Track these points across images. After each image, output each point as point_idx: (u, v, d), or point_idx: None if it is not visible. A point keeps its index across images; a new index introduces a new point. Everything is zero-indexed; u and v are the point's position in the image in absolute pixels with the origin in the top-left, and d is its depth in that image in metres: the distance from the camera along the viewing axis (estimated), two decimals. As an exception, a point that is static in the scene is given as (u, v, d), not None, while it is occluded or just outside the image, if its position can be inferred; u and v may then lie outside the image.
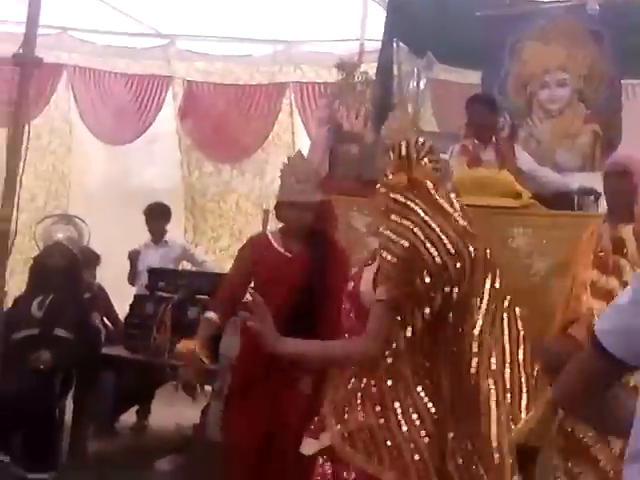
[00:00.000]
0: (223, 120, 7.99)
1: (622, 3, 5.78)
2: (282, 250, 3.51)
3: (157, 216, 6.32)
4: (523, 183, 4.48)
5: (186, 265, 6.45)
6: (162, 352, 4.47)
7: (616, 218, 3.37)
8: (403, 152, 2.26)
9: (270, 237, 3.58)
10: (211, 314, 3.57)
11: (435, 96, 6.89)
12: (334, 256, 3.52)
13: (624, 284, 2.70)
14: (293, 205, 3.44)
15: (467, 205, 3.95)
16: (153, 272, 5.25)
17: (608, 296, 2.71)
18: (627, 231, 2.88)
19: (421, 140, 2.34)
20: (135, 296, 5.36)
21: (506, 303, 2.23)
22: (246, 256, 3.59)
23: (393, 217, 2.20)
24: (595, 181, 4.37)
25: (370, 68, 5.95)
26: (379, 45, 6.27)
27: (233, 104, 8.02)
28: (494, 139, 5.11)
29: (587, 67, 5.67)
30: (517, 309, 2.31)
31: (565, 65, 5.70)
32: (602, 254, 2.90)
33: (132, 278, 6.27)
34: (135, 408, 5.86)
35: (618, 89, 5.76)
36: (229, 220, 8.22)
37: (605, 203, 3.63)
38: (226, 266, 4.75)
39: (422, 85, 6.77)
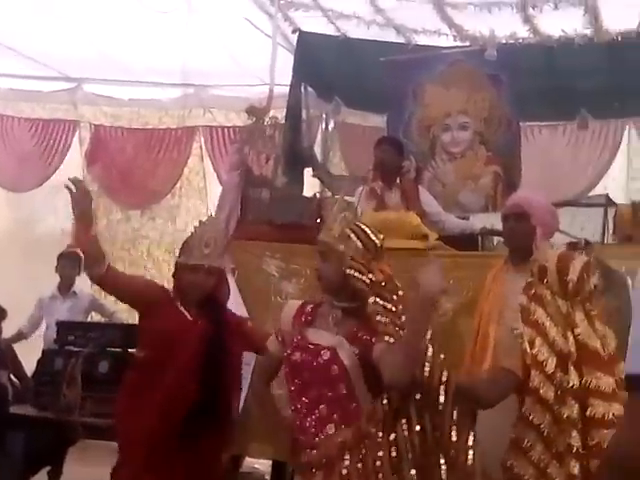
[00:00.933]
0: (131, 165, 7.93)
1: (519, 48, 6.05)
2: (180, 308, 3.42)
3: (68, 264, 6.17)
4: (428, 224, 4.61)
5: (95, 317, 6.32)
6: (72, 409, 4.34)
7: (517, 258, 3.48)
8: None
9: (169, 294, 3.47)
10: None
11: (343, 139, 7.03)
12: (233, 323, 3.52)
13: (549, 313, 2.76)
14: (198, 269, 3.38)
15: (376, 248, 4.13)
16: (62, 325, 5.11)
17: (535, 325, 2.77)
18: (551, 260, 2.92)
19: None
20: (43, 351, 5.21)
21: None
22: (158, 297, 3.43)
23: None
24: (498, 221, 4.53)
25: (279, 112, 6.03)
26: (287, 90, 6.39)
27: (142, 148, 7.97)
28: (399, 181, 5.23)
29: (487, 110, 5.91)
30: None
31: (466, 109, 5.92)
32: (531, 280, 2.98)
33: (30, 329, 6.09)
34: (47, 469, 5.66)
35: (517, 131, 6.01)
36: (140, 268, 8.10)
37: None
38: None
39: (330, 129, 6.91)
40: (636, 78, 5.84)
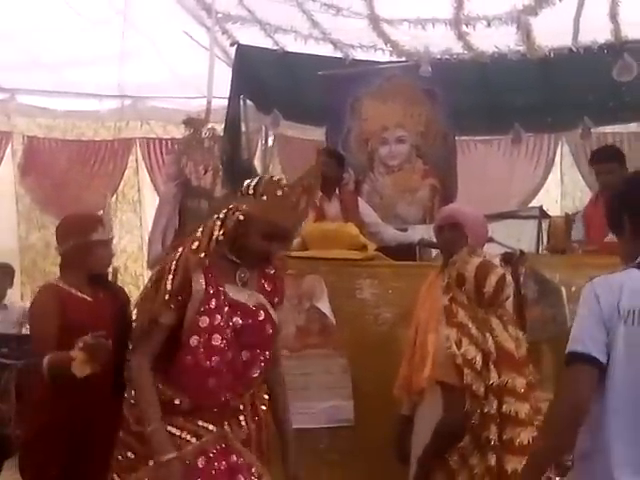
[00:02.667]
0: (65, 177, 7.79)
1: (453, 63, 6.17)
2: (81, 295, 3.37)
3: (1, 277, 6.07)
4: (367, 235, 4.65)
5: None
6: (7, 422, 4.25)
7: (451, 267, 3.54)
8: None
9: (61, 285, 3.39)
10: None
11: (283, 152, 7.06)
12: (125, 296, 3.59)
13: (469, 316, 2.91)
14: (108, 242, 3.46)
15: (315, 258, 4.15)
16: (-6, 337, 5.01)
17: (459, 325, 2.89)
18: (470, 270, 3.04)
19: None
20: (-26, 364, 5.08)
21: None
22: (50, 308, 3.28)
23: None
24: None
25: (218, 125, 6.02)
26: (226, 102, 6.38)
27: (76, 161, 7.84)
28: (338, 192, 5.26)
29: (423, 124, 6.00)
30: None
31: (402, 122, 6.01)
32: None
33: None
34: (-19, 482, 5.51)
35: (453, 145, 6.12)
36: (73, 282, 7.94)
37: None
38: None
39: (270, 142, 6.92)
40: (568, 94, 6.03)
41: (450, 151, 6.05)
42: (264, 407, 2.69)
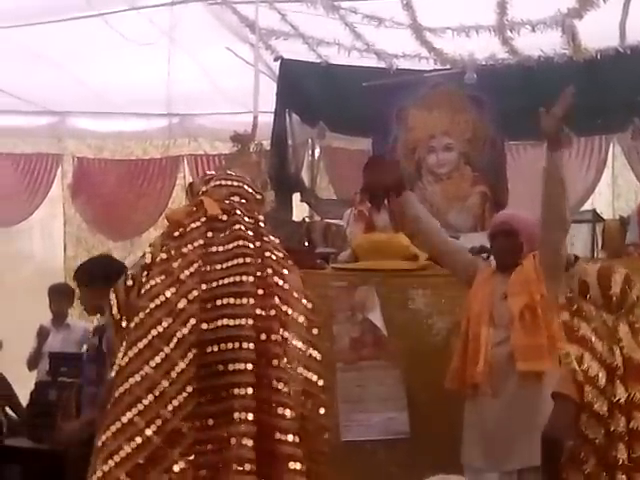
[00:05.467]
0: (115, 197, 7.90)
1: (498, 69, 6.13)
2: None
3: (60, 297, 6.18)
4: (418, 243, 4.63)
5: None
6: (69, 440, 4.31)
7: (504, 267, 3.52)
8: None
9: None
10: None
11: (330, 164, 7.06)
12: None
13: (593, 328, 2.81)
14: None
15: (367, 269, 4.14)
16: (54, 357, 5.11)
17: (582, 340, 2.81)
18: (591, 275, 2.99)
19: None
20: (36, 383, 5.19)
21: None
22: None
23: None
24: (485, 240, 4.55)
25: (264, 139, 6.06)
26: (272, 117, 6.42)
27: (125, 180, 7.96)
28: (387, 202, 5.24)
29: (470, 131, 5.96)
30: None
31: (449, 130, 5.98)
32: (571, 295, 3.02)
33: (34, 360, 6.02)
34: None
35: (501, 151, 6.07)
36: (119, 303, 8.01)
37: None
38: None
39: (317, 154, 6.94)
40: (617, 94, 5.93)
41: (499, 157, 6.00)
42: None
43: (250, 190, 2.22)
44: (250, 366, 1.91)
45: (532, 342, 3.28)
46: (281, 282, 2.06)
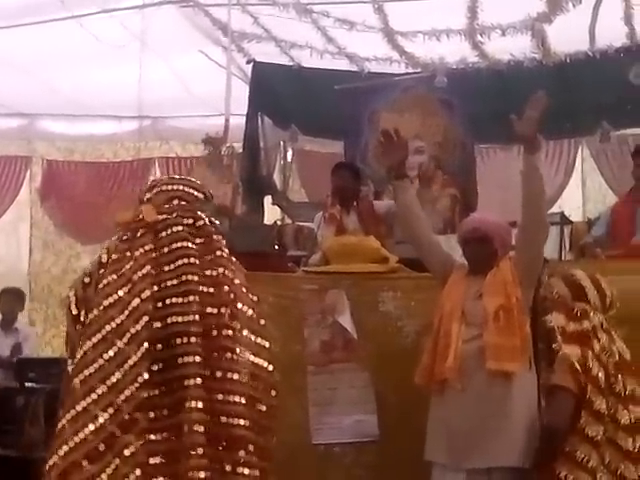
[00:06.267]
0: (84, 199, 7.85)
1: (469, 72, 6.17)
2: None
3: (11, 300, 6.13)
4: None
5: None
6: (36, 446, 4.28)
7: (476, 270, 3.54)
8: None
9: None
10: None
11: (302, 167, 7.08)
12: None
13: (593, 329, 2.95)
14: None
15: (337, 272, 4.14)
16: (21, 362, 5.05)
17: (581, 340, 2.93)
18: (585, 279, 3.11)
19: None
20: (3, 389, 5.13)
21: None
22: None
23: None
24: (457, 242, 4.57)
25: (236, 142, 6.05)
26: (244, 119, 6.42)
27: (95, 182, 7.91)
28: (356, 204, 5.25)
29: (441, 134, 5.99)
30: None
31: (420, 133, 6.00)
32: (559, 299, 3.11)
33: None
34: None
35: (471, 154, 6.11)
36: (88, 307, 7.91)
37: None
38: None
39: (289, 157, 6.95)
40: (586, 98, 6.00)
41: (469, 160, 6.04)
42: None
43: (190, 191, 2.29)
44: (198, 358, 2.04)
45: (505, 342, 3.30)
46: (232, 277, 2.18)
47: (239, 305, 2.15)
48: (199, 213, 2.25)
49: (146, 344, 2.02)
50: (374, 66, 6.47)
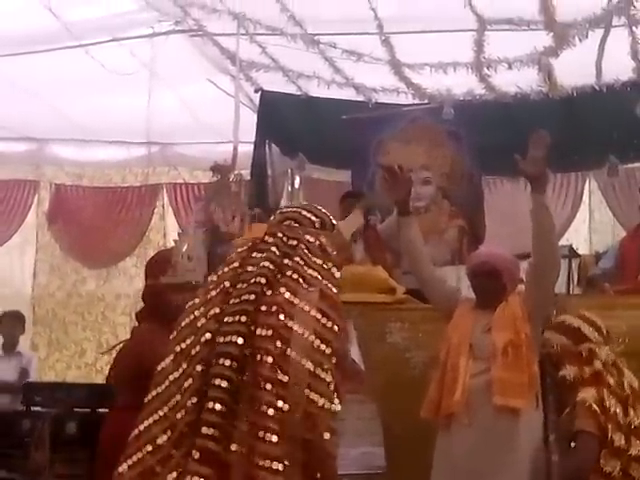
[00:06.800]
0: (92, 224, 7.87)
1: (476, 104, 6.21)
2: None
3: (11, 325, 6.15)
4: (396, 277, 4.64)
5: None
6: (41, 471, 4.28)
7: (484, 303, 3.54)
8: None
9: (151, 329, 3.16)
10: None
11: (309, 195, 7.08)
12: None
13: (604, 364, 3.00)
14: (185, 287, 3.08)
15: (345, 302, 4.14)
16: (29, 386, 5.06)
17: (595, 380, 2.97)
18: (573, 319, 3.14)
19: None
20: (9, 413, 5.13)
21: None
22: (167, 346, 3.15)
23: None
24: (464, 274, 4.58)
25: (244, 170, 6.08)
26: (252, 147, 6.46)
27: (103, 207, 7.94)
28: (363, 234, 5.27)
29: (448, 165, 6.02)
30: None
31: (427, 164, 6.03)
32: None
33: None
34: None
35: (478, 185, 6.13)
36: (95, 332, 7.92)
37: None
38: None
39: (296, 185, 6.98)
40: (593, 131, 6.03)
41: (476, 191, 6.06)
42: None
43: (306, 214, 2.17)
44: (225, 384, 1.91)
45: (513, 378, 3.30)
46: (291, 298, 2.00)
47: (295, 327, 1.95)
48: (305, 236, 2.10)
49: (199, 366, 1.94)
50: (381, 96, 6.50)
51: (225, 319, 1.98)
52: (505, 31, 5.46)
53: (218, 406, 1.89)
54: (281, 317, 1.97)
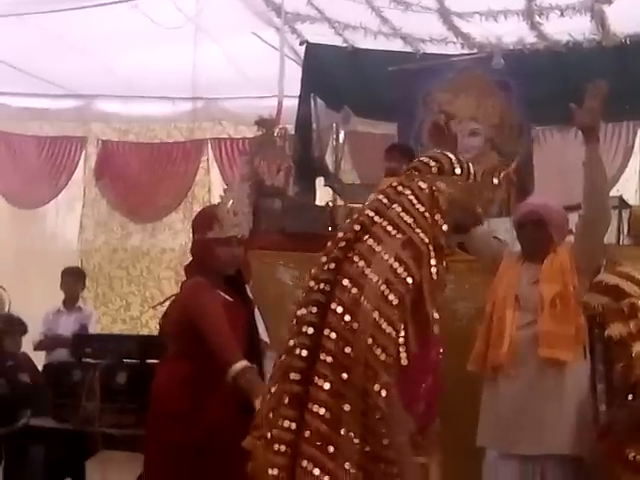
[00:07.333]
0: (138, 179, 7.93)
1: (527, 54, 6.07)
2: (223, 294, 3.19)
3: (72, 280, 6.25)
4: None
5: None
6: (92, 421, 4.37)
7: (531, 255, 3.51)
8: None
9: (204, 281, 3.17)
10: (243, 362, 2.90)
11: (354, 148, 7.05)
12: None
13: None
14: (231, 240, 3.17)
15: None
16: (78, 338, 5.16)
17: None
18: (610, 277, 3.11)
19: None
20: (59, 363, 5.25)
21: None
22: (213, 298, 3.11)
23: None
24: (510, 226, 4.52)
25: (289, 123, 6.05)
26: (297, 101, 6.41)
27: (149, 163, 7.99)
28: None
29: (497, 116, 5.89)
30: None
31: (476, 115, 5.91)
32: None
33: (44, 344, 6.06)
34: (68, 480, 5.67)
35: (528, 136, 6.01)
36: (140, 287, 8.01)
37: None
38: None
39: (341, 139, 6.93)
40: (646, 80, 5.86)
41: (525, 143, 5.94)
42: None
43: (426, 160, 2.16)
44: (311, 330, 1.99)
45: (560, 330, 3.28)
46: (374, 245, 2.03)
47: (370, 275, 1.96)
48: (418, 183, 2.08)
49: (284, 356, 1.99)
50: (429, 47, 6.38)
51: (323, 266, 2.03)
52: (558, -23, 5.32)
53: (304, 352, 1.95)
54: (360, 264, 1.98)
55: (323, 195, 6.07)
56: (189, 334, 3.06)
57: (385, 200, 2.08)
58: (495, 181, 2.28)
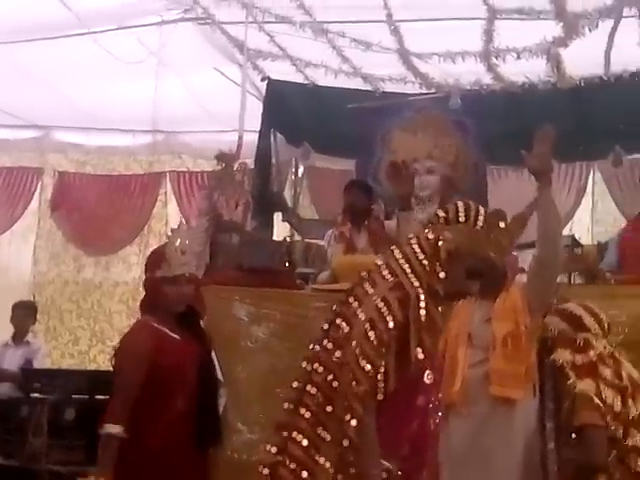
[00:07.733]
0: (94, 212, 7.86)
1: (483, 94, 6.18)
2: (170, 333, 3.22)
3: (23, 315, 6.15)
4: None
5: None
6: (39, 457, 4.28)
7: (484, 293, 3.52)
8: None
9: (151, 321, 3.24)
10: (116, 428, 2.99)
11: (312, 184, 7.09)
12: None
13: (599, 356, 2.96)
14: (179, 279, 3.22)
15: (346, 290, 4.13)
16: (26, 372, 5.06)
17: (591, 372, 2.94)
18: (577, 307, 3.12)
19: None
20: (8, 399, 5.13)
21: None
22: (142, 349, 3.17)
23: None
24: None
25: (248, 158, 6.07)
26: (256, 136, 6.44)
27: (106, 195, 7.93)
28: (367, 223, 5.26)
29: (453, 155, 5.95)
30: None
31: (432, 154, 5.97)
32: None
33: None
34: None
35: (483, 175, 6.08)
36: (89, 320, 7.92)
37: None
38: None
39: (300, 174, 6.97)
40: (600, 122, 5.99)
41: (481, 181, 6.00)
42: None
43: (438, 211, 2.34)
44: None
45: (511, 369, 3.29)
46: (368, 288, 2.25)
47: (359, 314, 2.20)
48: (427, 234, 2.28)
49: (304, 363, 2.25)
50: (388, 86, 6.48)
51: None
52: (515, 20, 5.42)
53: (296, 383, 2.22)
54: (354, 305, 2.23)
55: (281, 230, 6.08)
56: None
57: (395, 249, 2.29)
58: (502, 225, 2.28)
